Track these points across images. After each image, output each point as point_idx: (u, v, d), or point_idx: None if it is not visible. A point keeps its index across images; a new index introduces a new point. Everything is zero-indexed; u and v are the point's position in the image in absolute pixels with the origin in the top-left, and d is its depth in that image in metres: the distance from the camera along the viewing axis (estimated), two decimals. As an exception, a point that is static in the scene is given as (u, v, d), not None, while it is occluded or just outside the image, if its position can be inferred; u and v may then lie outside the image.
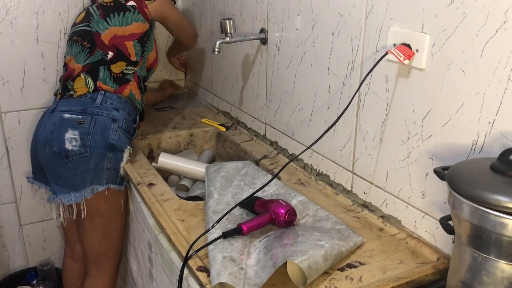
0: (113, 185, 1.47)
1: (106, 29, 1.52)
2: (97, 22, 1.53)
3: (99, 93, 1.47)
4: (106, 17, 1.53)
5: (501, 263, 0.67)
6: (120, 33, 1.52)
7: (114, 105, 1.48)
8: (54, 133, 1.43)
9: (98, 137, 1.42)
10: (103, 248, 1.56)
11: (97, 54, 1.50)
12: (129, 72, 1.53)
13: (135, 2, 1.55)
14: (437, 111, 0.94)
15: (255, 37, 1.51)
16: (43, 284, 1.97)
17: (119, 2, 1.55)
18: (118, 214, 1.53)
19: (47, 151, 1.44)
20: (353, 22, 1.12)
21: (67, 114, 1.44)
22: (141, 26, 1.55)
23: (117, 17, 1.53)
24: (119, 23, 1.52)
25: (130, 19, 1.53)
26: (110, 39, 1.51)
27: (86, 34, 1.53)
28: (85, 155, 1.42)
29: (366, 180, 1.16)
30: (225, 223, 1.05)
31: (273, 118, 1.52)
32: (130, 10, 1.54)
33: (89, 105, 1.46)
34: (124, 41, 1.52)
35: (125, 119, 1.49)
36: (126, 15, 1.53)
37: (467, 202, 0.67)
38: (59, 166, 1.44)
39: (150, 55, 1.60)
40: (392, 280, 0.91)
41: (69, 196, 1.45)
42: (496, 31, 0.80)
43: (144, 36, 1.56)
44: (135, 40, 1.53)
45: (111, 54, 1.51)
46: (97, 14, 1.55)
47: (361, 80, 1.11)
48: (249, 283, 0.87)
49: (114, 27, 1.52)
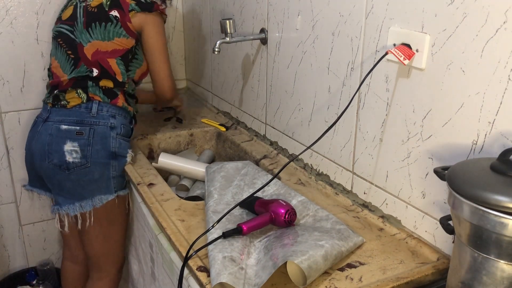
0: (121, 192, 1.48)
1: (88, 42, 1.45)
2: (80, 32, 1.46)
3: (94, 102, 1.44)
4: (89, 27, 1.45)
5: (501, 263, 0.67)
6: (103, 49, 1.45)
7: (110, 112, 1.45)
8: (52, 145, 1.41)
9: (99, 147, 1.41)
10: (105, 252, 1.56)
11: (82, 69, 1.45)
12: (117, 88, 1.49)
13: (119, 13, 1.45)
14: (437, 111, 0.94)
15: (255, 37, 1.51)
16: (43, 284, 1.97)
17: (103, 9, 1.46)
18: (123, 218, 1.53)
19: (46, 163, 1.43)
20: (353, 22, 1.12)
21: (64, 125, 1.41)
22: (124, 41, 1.46)
23: (99, 28, 1.45)
24: (101, 36, 1.45)
25: (112, 33, 1.45)
26: (93, 54, 1.45)
27: (71, 43, 1.48)
28: (86, 166, 1.41)
29: (366, 180, 1.16)
30: (225, 223, 1.05)
31: (273, 118, 1.52)
32: (113, 22, 1.45)
33: (85, 115, 1.43)
34: (106, 58, 1.45)
35: (123, 124, 1.48)
36: (108, 27, 1.45)
37: (467, 202, 0.67)
38: (61, 178, 1.43)
39: (138, 70, 1.53)
40: (392, 280, 0.91)
41: (74, 207, 1.44)
42: (496, 31, 0.80)
43: (128, 53, 1.48)
44: (119, 58, 1.46)
45: (96, 71, 1.45)
46: (81, 21, 1.47)
47: (361, 80, 1.11)
48: (249, 283, 0.87)
49: (97, 41, 1.45)
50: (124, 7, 1.46)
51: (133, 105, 1.56)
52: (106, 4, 1.46)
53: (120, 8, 1.46)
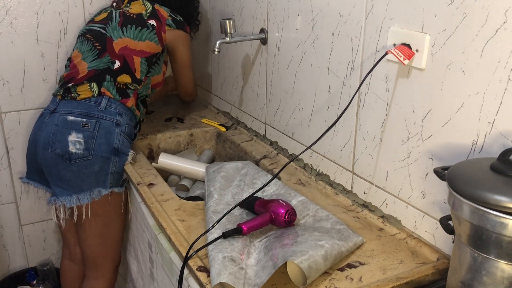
0: (116, 188, 1.48)
1: (119, 38, 1.53)
2: (114, 28, 1.55)
3: (104, 97, 1.48)
4: (124, 26, 1.55)
5: (501, 263, 0.67)
6: (132, 46, 1.53)
7: (118, 110, 1.48)
8: (56, 135, 1.42)
9: (102, 141, 1.42)
10: (102, 250, 1.56)
11: (105, 59, 1.51)
12: (131, 88, 1.53)
13: (156, 23, 1.58)
14: (437, 111, 0.94)
15: (255, 37, 1.51)
16: (43, 284, 1.97)
17: (142, 17, 1.58)
18: (118, 216, 1.53)
19: (48, 152, 1.43)
20: (353, 22, 1.12)
21: (71, 116, 1.44)
22: (153, 46, 1.56)
23: (134, 30, 1.55)
24: (134, 36, 1.54)
25: (145, 36, 1.55)
26: (121, 48, 1.52)
27: (100, 36, 1.55)
28: (88, 158, 1.41)
29: (366, 180, 1.16)
30: (225, 223, 1.05)
31: (273, 118, 1.52)
32: (149, 28, 1.56)
33: (93, 108, 1.45)
34: (133, 55, 1.53)
35: (128, 124, 1.50)
36: (143, 31, 1.55)
37: (467, 202, 0.67)
38: (61, 169, 1.43)
39: (155, 77, 1.61)
40: (392, 280, 0.91)
41: (71, 199, 1.44)
42: (496, 31, 0.80)
43: (153, 57, 1.57)
44: (143, 58, 1.54)
45: (118, 64, 1.51)
46: (116, 20, 1.57)
47: (361, 80, 1.11)
48: (249, 283, 0.87)
49: (128, 38, 1.54)
50: (162, 20, 1.60)
51: (142, 111, 1.60)
52: (145, 14, 1.59)
53: (158, 20, 1.60)
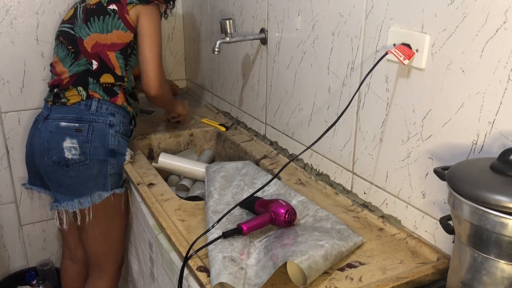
0: (117, 190, 1.48)
1: (88, 35, 1.47)
2: (80, 27, 1.49)
3: (93, 100, 1.45)
4: (87, 21, 1.48)
5: (501, 263, 0.67)
6: (102, 41, 1.46)
7: (109, 110, 1.46)
8: (51, 142, 1.42)
9: (97, 144, 1.42)
10: (105, 251, 1.56)
11: (82, 61, 1.47)
12: (117, 85, 1.50)
13: (117, 6, 1.46)
14: (437, 111, 0.94)
15: (255, 37, 1.51)
16: (43, 284, 1.97)
17: (102, 5, 1.48)
18: (119, 217, 1.53)
19: (45, 160, 1.43)
20: (353, 22, 1.12)
21: (63, 122, 1.43)
22: (123, 35, 1.47)
23: (97, 22, 1.46)
24: (100, 29, 1.46)
25: (110, 25, 1.46)
26: (92, 46, 1.47)
27: (71, 38, 1.50)
28: (85, 163, 1.41)
29: (366, 180, 1.16)
30: (225, 223, 1.05)
31: (273, 118, 1.52)
32: (110, 15, 1.46)
33: (85, 112, 1.44)
34: (106, 51, 1.47)
35: (122, 122, 1.49)
36: (106, 20, 1.46)
37: (467, 202, 0.67)
38: (60, 175, 1.43)
39: (135, 70, 1.54)
40: (392, 280, 0.91)
41: (73, 203, 1.45)
42: (496, 31, 0.80)
43: (127, 48, 1.49)
44: (117, 51, 1.47)
45: (96, 64, 1.46)
46: (80, 17, 1.50)
47: (361, 80, 1.11)
48: (249, 283, 0.87)
49: (95, 33, 1.47)
50: (122, 1, 1.47)
51: (134, 106, 1.57)
52: (104, 0, 1.48)
53: (118, 2, 1.47)
